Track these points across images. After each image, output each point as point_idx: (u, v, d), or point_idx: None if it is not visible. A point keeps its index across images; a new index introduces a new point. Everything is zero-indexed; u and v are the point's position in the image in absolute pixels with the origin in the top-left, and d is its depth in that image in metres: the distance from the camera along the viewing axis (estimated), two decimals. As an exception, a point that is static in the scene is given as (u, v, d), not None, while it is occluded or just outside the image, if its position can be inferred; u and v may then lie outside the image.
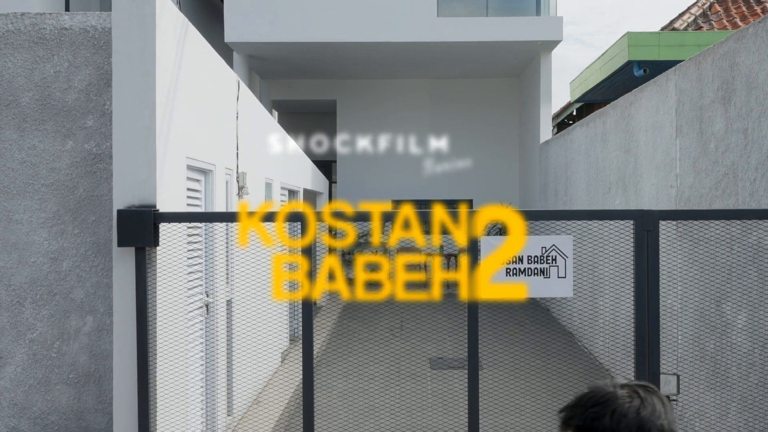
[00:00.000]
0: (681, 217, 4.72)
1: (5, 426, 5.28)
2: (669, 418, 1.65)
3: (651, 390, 1.69)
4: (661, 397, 1.68)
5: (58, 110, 5.28)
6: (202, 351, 6.33)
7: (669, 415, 1.66)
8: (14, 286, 5.27)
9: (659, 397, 1.68)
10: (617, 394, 1.66)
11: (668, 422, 1.64)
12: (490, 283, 4.68)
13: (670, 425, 1.64)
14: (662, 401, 1.67)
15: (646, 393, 1.67)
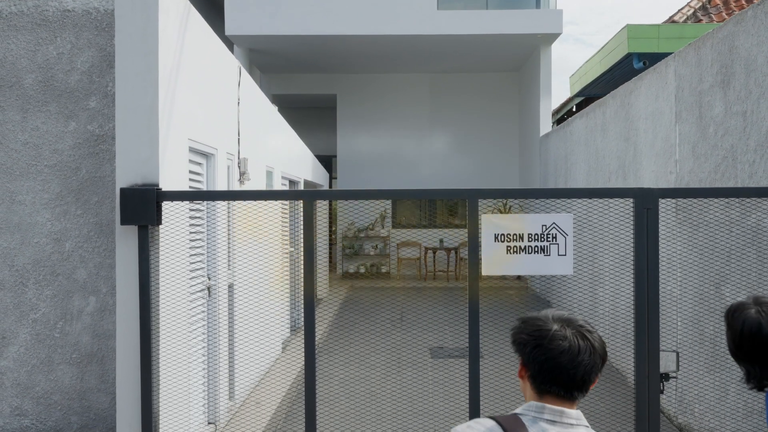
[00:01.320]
0: (680, 195, 4.75)
1: (8, 406, 5.31)
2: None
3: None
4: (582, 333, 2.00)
5: (61, 92, 5.31)
6: (204, 334, 6.36)
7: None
8: (17, 267, 5.30)
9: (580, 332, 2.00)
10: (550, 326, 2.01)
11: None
12: (491, 261, 4.71)
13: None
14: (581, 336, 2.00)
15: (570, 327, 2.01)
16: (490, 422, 1.97)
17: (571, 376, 1.95)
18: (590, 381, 1.99)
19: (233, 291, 7.07)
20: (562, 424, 1.95)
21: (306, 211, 4.69)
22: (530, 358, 2.00)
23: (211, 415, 6.48)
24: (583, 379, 1.97)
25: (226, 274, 6.84)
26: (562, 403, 1.99)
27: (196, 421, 6.03)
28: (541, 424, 1.95)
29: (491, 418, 1.98)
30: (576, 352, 1.96)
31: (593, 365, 1.98)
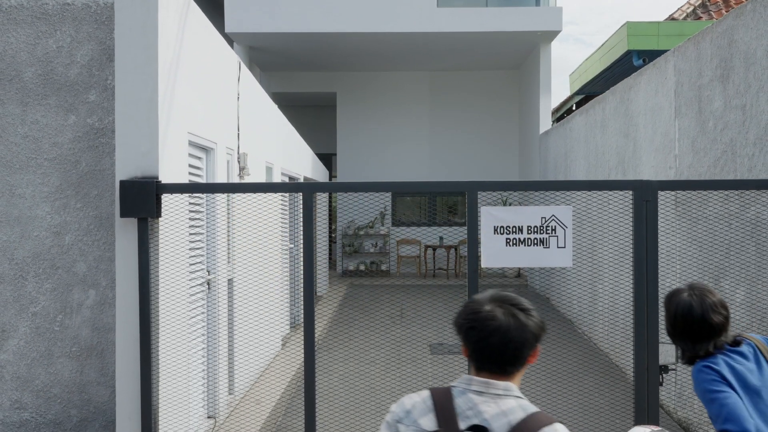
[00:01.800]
0: (679, 188, 4.76)
1: (8, 399, 5.31)
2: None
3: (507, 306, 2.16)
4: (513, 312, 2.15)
5: (61, 85, 5.31)
6: (203, 328, 6.36)
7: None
8: (17, 260, 5.30)
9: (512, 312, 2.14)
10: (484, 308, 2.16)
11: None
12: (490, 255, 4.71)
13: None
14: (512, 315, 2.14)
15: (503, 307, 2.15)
16: (426, 393, 2.19)
17: (501, 354, 2.11)
18: (522, 356, 2.13)
19: (233, 286, 7.07)
20: (488, 395, 2.10)
21: (305, 203, 4.70)
22: (466, 339, 2.17)
23: (210, 409, 6.49)
24: (514, 355, 2.11)
25: (226, 268, 6.85)
26: (498, 377, 2.14)
27: (195, 415, 6.03)
28: (469, 395, 2.12)
29: (430, 390, 2.20)
30: (505, 330, 2.10)
31: (523, 342, 2.11)
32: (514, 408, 2.08)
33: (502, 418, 2.07)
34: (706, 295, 3.04)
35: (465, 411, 2.10)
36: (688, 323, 2.99)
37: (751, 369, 2.89)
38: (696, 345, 2.98)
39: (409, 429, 2.14)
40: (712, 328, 2.96)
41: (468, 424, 2.08)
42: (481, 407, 2.09)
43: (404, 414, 2.19)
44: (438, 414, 2.11)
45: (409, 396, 2.23)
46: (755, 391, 2.84)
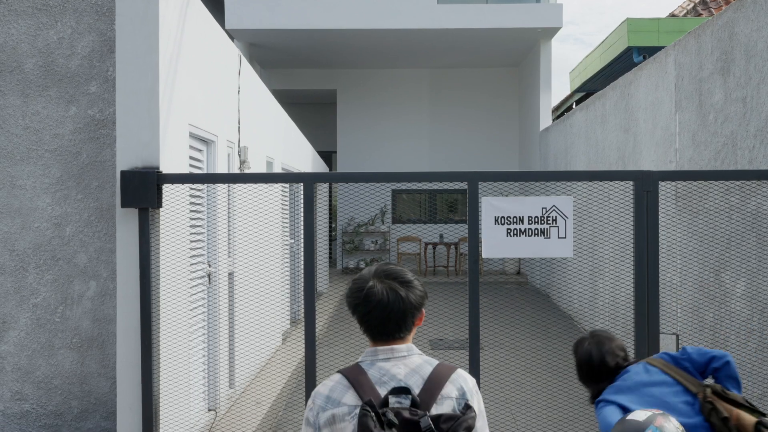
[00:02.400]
0: (680, 178, 4.76)
1: (9, 390, 5.32)
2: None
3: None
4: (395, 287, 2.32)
5: (62, 76, 5.31)
6: (204, 321, 6.36)
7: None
8: (18, 251, 5.31)
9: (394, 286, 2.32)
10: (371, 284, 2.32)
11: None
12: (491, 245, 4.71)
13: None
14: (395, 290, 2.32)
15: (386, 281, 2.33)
16: (338, 376, 2.32)
17: (385, 325, 2.30)
18: (406, 323, 2.33)
19: (233, 279, 7.07)
20: (395, 359, 2.31)
21: (306, 193, 4.70)
22: (355, 315, 2.35)
23: (211, 402, 6.49)
24: (398, 324, 2.32)
25: (227, 262, 6.85)
26: (392, 342, 2.33)
27: (196, 408, 6.03)
28: (379, 364, 2.31)
29: (339, 372, 2.34)
30: (385, 305, 2.29)
31: (404, 312, 2.31)
32: (421, 364, 2.32)
33: (414, 375, 2.29)
34: (603, 342, 3.47)
35: (380, 378, 2.28)
36: (588, 369, 3.43)
37: (642, 381, 3.29)
38: (599, 384, 3.40)
39: (336, 411, 2.25)
40: (610, 369, 3.40)
41: (387, 389, 2.24)
42: (393, 371, 2.29)
43: (324, 401, 2.29)
44: (357, 389, 2.25)
45: (321, 384, 2.34)
46: (648, 398, 3.22)
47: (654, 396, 3.26)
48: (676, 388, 3.30)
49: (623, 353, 3.47)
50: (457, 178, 4.85)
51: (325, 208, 16.06)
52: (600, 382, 3.42)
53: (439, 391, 2.27)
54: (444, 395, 2.27)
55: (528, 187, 16.22)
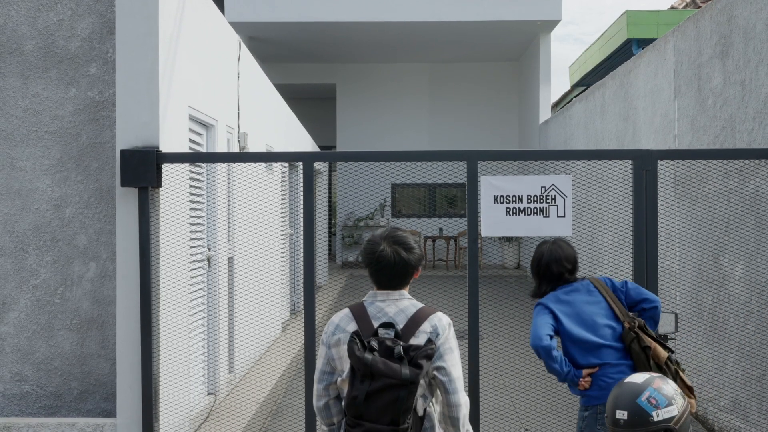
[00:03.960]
0: (679, 157, 4.77)
1: (9, 372, 5.32)
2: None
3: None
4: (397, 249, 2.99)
5: (62, 58, 5.32)
6: (203, 304, 6.37)
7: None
8: (18, 233, 5.31)
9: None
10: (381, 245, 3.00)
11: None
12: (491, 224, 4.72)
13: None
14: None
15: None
16: (346, 310, 3.04)
17: (390, 279, 3.00)
18: (406, 278, 3.02)
19: (233, 264, 7.08)
20: (389, 300, 3.00)
21: (306, 173, 4.71)
22: (367, 267, 3.03)
23: (210, 386, 6.50)
24: (400, 278, 3.00)
25: (226, 246, 6.86)
26: (393, 290, 3.01)
27: (195, 391, 6.04)
28: (376, 303, 3.00)
29: (348, 307, 3.04)
30: (392, 264, 2.97)
31: (405, 270, 3.00)
32: (408, 306, 2.99)
33: (401, 314, 2.96)
34: (556, 250, 4.00)
35: (375, 314, 2.97)
36: (537, 266, 4.07)
37: (581, 298, 3.92)
38: (541, 284, 4.07)
39: (341, 335, 2.96)
40: (552, 275, 3.99)
41: (378, 322, 2.93)
42: (385, 309, 2.98)
43: (335, 328, 3.01)
44: (357, 320, 2.97)
45: (335, 315, 3.07)
46: (579, 313, 3.87)
47: (585, 313, 3.87)
48: (606, 312, 3.89)
49: (570, 266, 3.98)
50: (456, 157, 4.86)
51: (326, 204, 16.07)
52: (541, 281, 4.04)
53: (417, 328, 2.92)
54: (421, 330, 2.92)
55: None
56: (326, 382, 3.03)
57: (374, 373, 2.76)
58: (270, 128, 9.44)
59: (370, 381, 2.77)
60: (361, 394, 2.77)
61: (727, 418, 5.98)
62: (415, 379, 2.76)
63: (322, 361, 3.04)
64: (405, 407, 2.77)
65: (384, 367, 2.75)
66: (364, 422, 2.79)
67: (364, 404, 2.78)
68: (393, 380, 2.75)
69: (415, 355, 2.79)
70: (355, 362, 2.78)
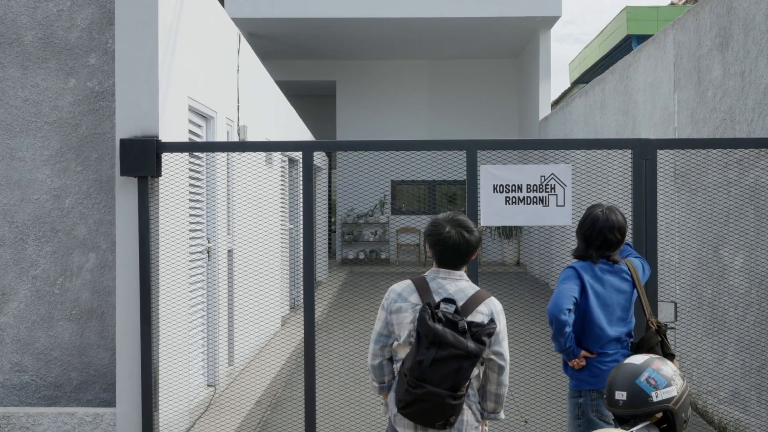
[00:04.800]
0: (679, 146, 4.77)
1: (8, 362, 5.32)
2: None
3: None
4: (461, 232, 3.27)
5: (61, 48, 5.32)
6: (203, 295, 6.37)
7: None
8: (17, 223, 5.31)
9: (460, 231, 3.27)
10: (444, 226, 3.27)
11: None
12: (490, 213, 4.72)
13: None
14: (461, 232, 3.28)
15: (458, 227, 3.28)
16: (409, 281, 3.33)
17: (453, 258, 3.27)
18: (467, 258, 3.29)
19: (233, 257, 7.08)
20: (450, 279, 3.27)
21: (305, 162, 4.71)
22: (433, 247, 3.28)
23: (210, 377, 6.50)
24: (462, 259, 3.28)
25: (226, 239, 6.86)
26: (453, 269, 3.28)
27: (195, 382, 6.04)
28: (438, 280, 3.28)
29: (410, 279, 3.33)
30: (457, 244, 3.24)
31: (468, 251, 3.27)
32: (466, 287, 3.28)
33: (460, 292, 3.24)
34: (614, 215, 3.92)
35: (436, 289, 3.25)
36: (591, 229, 3.89)
37: (614, 283, 3.89)
38: (588, 248, 3.91)
39: (403, 304, 3.26)
40: (606, 242, 3.88)
41: (439, 297, 3.20)
42: (446, 286, 3.26)
43: (396, 296, 3.31)
44: (420, 293, 3.24)
45: (396, 284, 3.36)
46: (607, 299, 3.87)
47: (611, 301, 3.88)
48: (629, 303, 3.93)
49: (621, 236, 3.92)
50: (456, 147, 4.86)
51: (325, 200, 16.06)
52: (589, 245, 3.91)
53: (475, 307, 3.20)
54: (478, 311, 3.20)
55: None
56: (382, 344, 3.32)
57: (442, 342, 3.04)
58: (270, 122, 9.43)
59: (437, 349, 3.04)
60: (427, 360, 3.05)
61: (727, 410, 5.98)
62: (479, 353, 3.08)
63: (381, 324, 3.33)
64: (465, 377, 3.07)
65: (453, 338, 3.04)
66: (426, 385, 3.05)
67: (429, 369, 3.05)
68: (459, 351, 3.04)
69: (478, 331, 3.09)
70: (424, 330, 3.06)
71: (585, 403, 4.00)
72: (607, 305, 3.88)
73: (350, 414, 6.46)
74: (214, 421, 5.96)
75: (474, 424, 3.26)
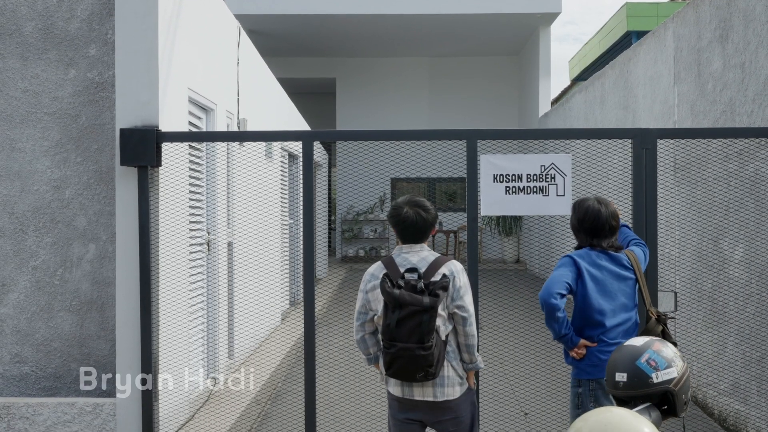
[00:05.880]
0: (679, 136, 4.77)
1: (8, 353, 5.32)
2: None
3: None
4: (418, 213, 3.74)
5: (61, 39, 5.31)
6: (203, 287, 6.37)
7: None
8: (17, 214, 5.31)
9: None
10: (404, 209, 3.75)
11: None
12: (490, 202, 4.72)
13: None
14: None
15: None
16: (379, 262, 3.74)
17: (413, 234, 3.71)
18: (426, 234, 3.75)
19: (232, 249, 7.08)
20: (413, 252, 3.72)
21: (305, 151, 4.70)
22: (394, 227, 3.75)
23: (210, 370, 6.50)
24: (421, 234, 3.73)
25: (226, 231, 6.85)
26: (413, 243, 3.73)
27: (195, 374, 6.03)
28: (402, 255, 3.72)
29: (380, 259, 3.74)
30: (413, 222, 3.69)
31: (425, 227, 3.72)
32: (427, 255, 3.72)
33: (422, 261, 3.68)
34: (609, 204, 4.00)
35: (402, 263, 3.69)
36: (594, 222, 3.94)
37: (613, 269, 3.91)
38: (593, 239, 3.96)
39: (375, 282, 3.70)
40: (611, 228, 3.96)
41: (404, 268, 3.64)
42: (410, 258, 3.70)
43: (370, 276, 3.76)
44: (388, 269, 3.67)
45: (370, 267, 3.82)
46: (607, 285, 3.89)
47: (611, 287, 3.89)
48: (631, 291, 3.95)
49: (616, 222, 4.01)
50: (456, 136, 4.85)
51: (325, 198, 16.05)
52: (596, 237, 3.95)
53: (436, 271, 3.62)
54: (439, 272, 3.62)
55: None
56: (362, 321, 3.75)
57: (401, 303, 3.47)
58: (270, 117, 9.43)
59: (399, 310, 3.47)
60: (393, 321, 3.48)
61: (727, 402, 5.98)
62: (434, 305, 3.47)
63: (360, 303, 3.75)
64: (428, 329, 3.46)
65: (409, 297, 3.47)
66: (397, 343, 3.49)
67: (395, 329, 3.48)
68: (416, 307, 3.46)
69: (433, 287, 3.51)
70: (386, 297, 3.50)
71: (584, 393, 4.00)
72: (607, 292, 3.88)
73: (350, 407, 6.46)
74: (214, 412, 5.96)
75: (457, 379, 3.67)
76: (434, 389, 3.63)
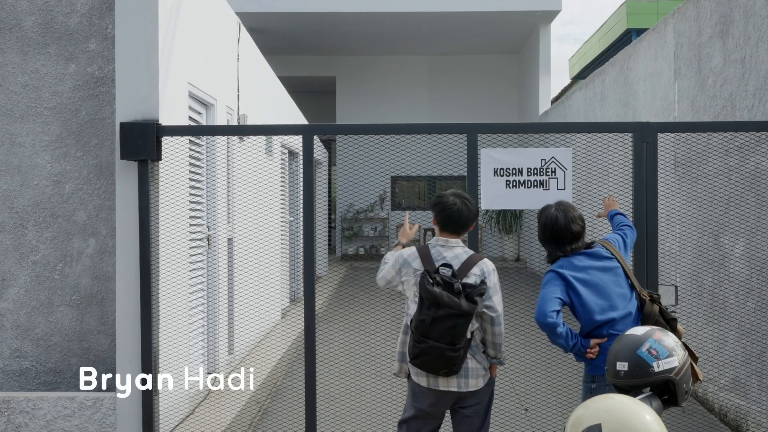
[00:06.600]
0: (679, 129, 4.76)
1: (8, 348, 5.32)
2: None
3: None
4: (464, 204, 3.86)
5: (61, 34, 5.31)
6: (203, 283, 6.36)
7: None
8: (17, 209, 5.31)
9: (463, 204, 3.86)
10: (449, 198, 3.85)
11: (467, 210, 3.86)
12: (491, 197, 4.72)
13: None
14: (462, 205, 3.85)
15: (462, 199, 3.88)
16: (414, 249, 3.84)
17: (456, 223, 3.80)
18: (467, 226, 3.84)
19: (233, 245, 7.07)
20: (447, 247, 3.80)
21: (305, 145, 4.70)
22: (438, 215, 3.82)
23: (210, 365, 6.50)
24: (462, 225, 3.82)
25: (226, 227, 6.85)
26: (452, 236, 3.82)
27: (195, 369, 6.03)
28: (437, 248, 3.81)
29: (415, 247, 3.83)
30: (459, 211, 3.79)
31: (468, 219, 3.83)
32: (461, 253, 3.81)
33: (456, 258, 3.77)
34: (568, 210, 3.91)
35: (436, 257, 3.78)
36: (554, 231, 3.86)
37: (597, 265, 3.84)
38: (558, 248, 3.88)
39: (408, 269, 3.82)
40: (573, 234, 3.86)
41: (438, 263, 3.71)
42: (444, 253, 3.79)
43: (403, 261, 3.84)
44: (422, 260, 3.77)
45: (404, 250, 3.89)
46: (597, 283, 3.80)
47: (602, 282, 3.81)
48: (621, 280, 3.87)
49: (582, 223, 3.92)
50: (456, 130, 4.85)
51: (325, 196, 16.05)
52: (560, 244, 3.88)
53: (469, 270, 3.72)
54: (471, 273, 3.72)
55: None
56: (383, 283, 3.91)
57: (440, 303, 3.54)
58: (270, 113, 9.42)
59: (436, 309, 3.55)
60: (428, 318, 3.56)
61: (728, 397, 5.97)
62: (471, 312, 3.57)
63: (387, 276, 3.87)
64: (461, 333, 3.58)
65: (449, 299, 3.54)
66: (429, 340, 3.58)
67: (430, 326, 3.56)
68: (454, 311, 3.54)
69: (471, 292, 3.58)
70: (425, 293, 3.57)
71: (598, 389, 3.92)
72: (600, 290, 3.81)
73: (350, 403, 6.46)
74: (213, 407, 5.96)
75: (481, 371, 3.77)
76: (458, 380, 3.73)
